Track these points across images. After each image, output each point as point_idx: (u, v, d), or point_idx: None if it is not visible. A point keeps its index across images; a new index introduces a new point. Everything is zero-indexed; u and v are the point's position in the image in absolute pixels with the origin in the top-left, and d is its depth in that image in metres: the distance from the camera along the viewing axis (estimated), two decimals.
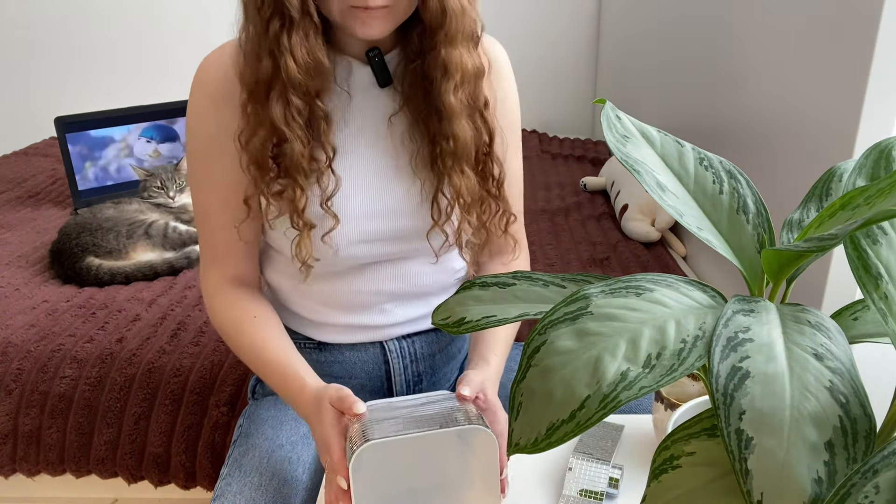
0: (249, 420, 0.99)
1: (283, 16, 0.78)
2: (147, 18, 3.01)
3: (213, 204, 0.91)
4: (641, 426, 0.90)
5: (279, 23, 0.79)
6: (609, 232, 1.92)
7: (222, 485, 0.87)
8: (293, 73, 0.79)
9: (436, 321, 0.52)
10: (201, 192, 0.92)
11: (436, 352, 1.04)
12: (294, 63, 0.79)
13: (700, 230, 0.49)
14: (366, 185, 0.90)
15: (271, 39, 0.79)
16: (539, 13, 2.93)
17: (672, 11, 1.95)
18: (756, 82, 1.39)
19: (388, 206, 0.90)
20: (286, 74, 0.79)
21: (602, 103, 0.53)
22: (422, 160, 0.90)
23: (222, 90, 0.86)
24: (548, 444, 0.38)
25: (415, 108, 0.88)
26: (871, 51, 0.98)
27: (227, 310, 0.93)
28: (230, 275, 0.94)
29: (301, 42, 0.79)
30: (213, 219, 0.92)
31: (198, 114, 0.88)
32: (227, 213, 0.91)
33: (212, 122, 0.87)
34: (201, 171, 0.91)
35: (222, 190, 0.90)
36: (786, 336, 0.40)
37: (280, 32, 0.79)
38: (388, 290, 0.96)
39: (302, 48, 0.79)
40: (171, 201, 1.90)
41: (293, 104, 0.81)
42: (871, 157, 0.52)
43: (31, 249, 1.84)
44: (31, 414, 1.34)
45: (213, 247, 0.94)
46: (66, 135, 2.05)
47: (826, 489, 0.34)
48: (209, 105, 0.87)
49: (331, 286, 0.95)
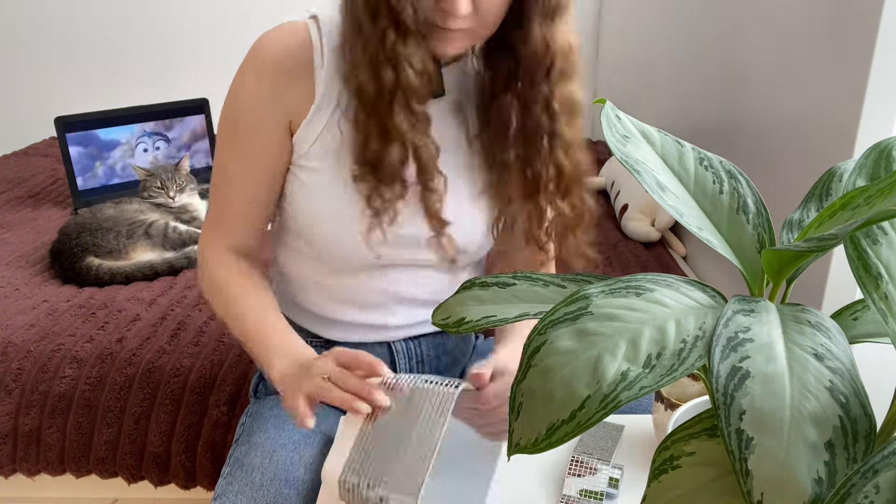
0: (252, 419, 0.99)
1: (397, 25, 0.78)
2: (147, 19, 3.01)
3: (238, 174, 0.91)
4: (641, 426, 0.90)
5: (395, 32, 0.78)
6: (609, 232, 1.92)
7: (223, 483, 0.87)
8: (414, 81, 0.79)
9: (436, 321, 0.52)
10: (228, 160, 0.91)
11: (441, 354, 1.04)
12: (413, 71, 0.79)
13: (700, 230, 0.49)
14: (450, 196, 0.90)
15: (388, 49, 0.79)
16: None
17: (672, 12, 1.95)
18: (756, 82, 1.39)
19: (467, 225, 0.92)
20: (407, 83, 0.79)
21: (602, 103, 0.53)
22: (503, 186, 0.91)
23: (279, 68, 0.86)
24: (548, 444, 0.38)
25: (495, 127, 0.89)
26: (871, 51, 0.98)
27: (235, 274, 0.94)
28: (233, 244, 0.95)
29: (416, 49, 0.79)
30: (233, 188, 0.92)
31: (248, 83, 0.88)
32: (249, 186, 0.91)
33: (261, 97, 0.87)
34: (234, 140, 0.90)
35: (252, 163, 0.90)
36: (786, 336, 0.40)
37: (397, 41, 0.78)
38: (401, 292, 0.97)
39: (417, 55, 0.79)
40: (171, 201, 1.90)
41: (416, 112, 0.81)
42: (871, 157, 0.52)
43: (31, 249, 1.84)
44: (31, 414, 1.34)
45: (225, 214, 0.94)
46: (67, 135, 2.05)
47: (826, 489, 0.34)
48: (268, 78, 0.87)
49: (347, 282, 0.95)
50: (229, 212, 0.94)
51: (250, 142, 0.89)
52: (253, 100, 0.88)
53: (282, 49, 0.86)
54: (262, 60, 0.87)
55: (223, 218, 0.94)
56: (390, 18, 0.78)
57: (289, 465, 0.89)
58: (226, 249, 0.95)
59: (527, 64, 0.83)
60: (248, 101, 0.88)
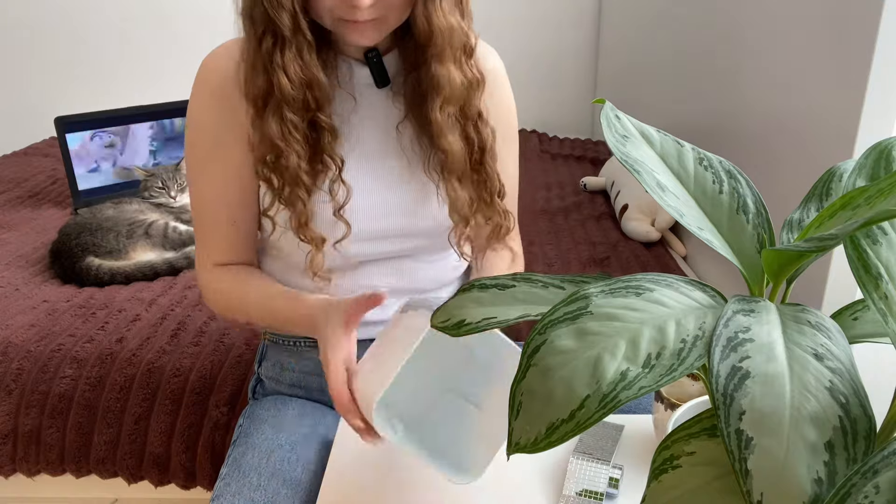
0: (249, 420, 0.99)
1: (274, 34, 0.79)
2: (147, 19, 3.01)
3: (211, 197, 0.92)
4: (641, 426, 0.90)
5: (271, 40, 0.79)
6: (609, 232, 1.92)
7: (221, 485, 0.87)
8: (286, 89, 0.80)
9: (436, 324, 0.52)
10: (200, 187, 0.92)
11: None
12: (287, 80, 0.79)
13: (700, 230, 0.49)
14: (376, 186, 0.90)
15: (264, 56, 0.80)
16: (539, 13, 2.92)
17: (672, 11, 1.95)
18: (756, 82, 1.39)
19: (399, 205, 0.91)
20: (279, 91, 0.80)
21: (602, 103, 0.53)
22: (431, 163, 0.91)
23: (224, 87, 0.87)
24: (548, 443, 0.38)
25: (418, 114, 0.89)
26: (871, 51, 0.98)
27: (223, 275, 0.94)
28: (226, 261, 0.96)
29: (294, 59, 0.79)
30: (210, 214, 0.93)
31: (200, 108, 0.89)
32: (224, 209, 0.92)
33: (213, 117, 0.88)
34: (200, 165, 0.91)
35: (220, 185, 0.91)
36: (786, 336, 0.40)
37: (273, 50, 0.79)
38: (386, 285, 0.97)
39: (295, 65, 0.79)
40: (172, 201, 1.90)
41: (288, 119, 0.82)
42: (871, 157, 0.52)
43: (31, 249, 1.84)
44: (31, 414, 1.34)
45: (210, 240, 0.94)
46: (67, 135, 2.05)
47: (826, 489, 0.34)
48: (211, 100, 0.88)
49: (332, 283, 0.95)
50: (213, 236, 0.94)
51: (209, 165, 0.90)
52: (205, 125, 0.89)
53: (223, 70, 0.87)
54: (204, 85, 0.88)
55: (209, 242, 0.95)
56: (266, 26, 0.78)
57: (287, 465, 0.89)
58: (219, 268, 0.96)
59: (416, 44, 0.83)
60: (201, 126, 0.90)
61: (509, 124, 1.00)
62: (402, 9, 0.80)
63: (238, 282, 0.94)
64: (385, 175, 0.91)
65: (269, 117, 0.81)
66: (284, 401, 1.02)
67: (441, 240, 0.96)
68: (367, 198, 0.90)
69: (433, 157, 0.90)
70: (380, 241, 0.93)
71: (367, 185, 0.90)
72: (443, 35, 0.81)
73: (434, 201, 0.93)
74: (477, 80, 0.87)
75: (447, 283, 1.03)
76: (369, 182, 0.90)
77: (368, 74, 0.89)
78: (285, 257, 0.95)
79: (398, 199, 0.91)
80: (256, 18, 0.79)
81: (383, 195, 0.91)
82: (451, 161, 0.87)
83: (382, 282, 0.96)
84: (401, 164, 0.91)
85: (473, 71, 0.86)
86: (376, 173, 0.91)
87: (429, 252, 0.97)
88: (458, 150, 0.87)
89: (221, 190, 0.91)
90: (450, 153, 0.87)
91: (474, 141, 0.89)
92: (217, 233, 0.94)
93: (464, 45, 0.84)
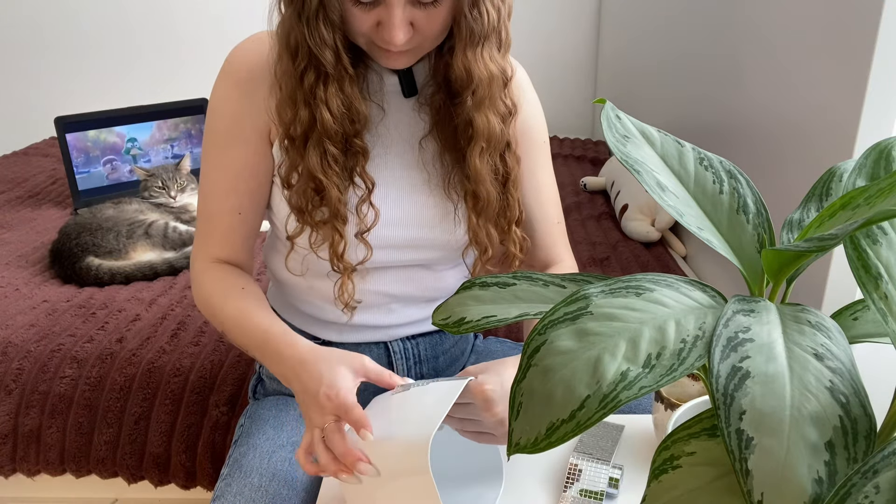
0: (250, 420, 0.99)
1: (317, 69, 0.78)
2: (147, 19, 3.01)
3: (222, 186, 0.91)
4: (641, 426, 0.90)
5: (314, 76, 0.79)
6: (609, 232, 1.92)
7: (222, 485, 0.87)
8: (329, 124, 0.80)
9: (436, 321, 0.52)
10: (212, 173, 0.92)
11: (439, 353, 1.04)
12: (330, 115, 0.79)
13: (700, 230, 0.49)
14: (398, 196, 0.90)
15: (306, 91, 0.79)
16: (539, 13, 2.92)
17: (672, 11, 1.95)
18: (756, 82, 1.39)
19: (418, 216, 0.91)
20: (321, 126, 0.80)
21: (602, 103, 0.53)
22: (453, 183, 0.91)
23: (250, 79, 0.86)
24: (548, 443, 0.38)
25: (443, 130, 0.88)
26: (871, 51, 0.98)
27: (216, 281, 0.92)
28: (223, 257, 0.95)
29: (336, 94, 0.79)
30: (218, 201, 0.92)
31: (223, 97, 0.88)
32: (233, 197, 0.91)
33: (235, 107, 0.88)
34: (215, 153, 0.91)
35: (233, 174, 0.90)
36: (786, 336, 0.40)
37: (315, 85, 0.79)
38: (396, 292, 0.97)
39: (337, 99, 0.79)
40: (172, 201, 1.90)
41: (329, 153, 0.82)
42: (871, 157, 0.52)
43: (31, 249, 1.84)
44: (31, 414, 1.34)
45: (212, 228, 0.93)
46: (67, 135, 2.05)
47: (826, 489, 0.34)
48: (236, 91, 0.87)
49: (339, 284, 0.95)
50: (216, 224, 0.93)
51: (230, 154, 0.90)
52: (227, 114, 0.89)
53: (246, 64, 0.87)
54: (230, 75, 0.88)
55: (210, 230, 0.94)
56: (308, 62, 0.78)
57: (287, 466, 0.89)
58: (214, 262, 0.94)
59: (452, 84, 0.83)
60: (223, 115, 0.89)
61: (537, 136, 0.98)
62: (438, 37, 0.80)
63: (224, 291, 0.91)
64: (406, 186, 0.91)
65: (310, 151, 0.81)
66: (286, 401, 1.02)
67: (456, 254, 0.96)
68: (388, 206, 0.90)
69: (454, 177, 0.90)
70: (395, 250, 0.92)
71: (389, 194, 0.90)
72: (482, 86, 0.81)
73: (451, 219, 0.92)
74: (509, 111, 0.86)
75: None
76: (392, 192, 0.90)
77: (397, 83, 0.89)
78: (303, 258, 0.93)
79: (417, 212, 0.91)
80: (298, 54, 0.78)
81: (403, 206, 0.90)
82: (486, 207, 0.88)
83: (394, 288, 0.96)
84: (422, 178, 0.91)
85: (507, 103, 0.86)
86: (399, 183, 0.90)
87: (443, 263, 0.97)
88: (494, 198, 0.88)
89: (233, 179, 0.90)
90: (485, 200, 0.87)
91: (500, 171, 0.89)
92: (221, 221, 0.93)
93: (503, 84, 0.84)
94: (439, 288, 0.99)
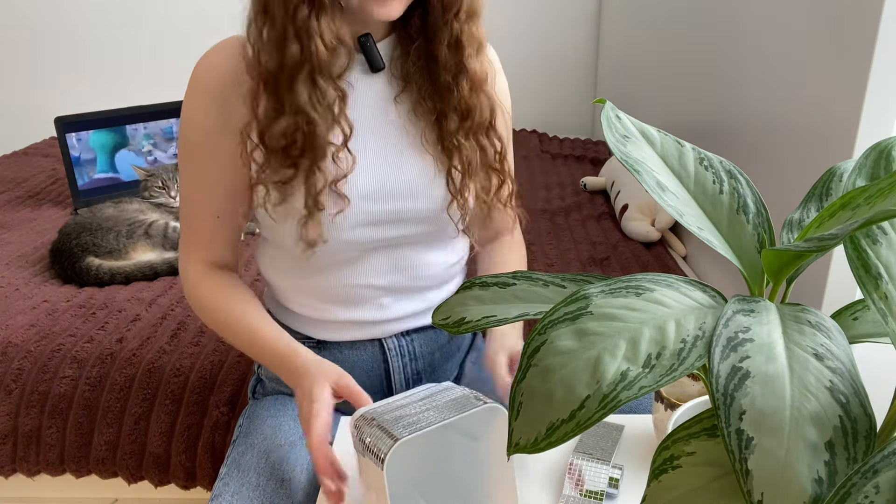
0: (249, 420, 0.99)
1: (311, 1, 0.80)
2: (148, 19, 3.01)
3: (201, 194, 0.93)
4: (641, 426, 0.90)
5: (307, 9, 0.80)
6: (609, 232, 1.92)
7: (220, 485, 0.87)
8: (323, 55, 0.81)
9: (436, 321, 0.52)
10: (189, 183, 0.94)
11: (434, 350, 1.04)
12: (324, 46, 0.81)
13: (700, 230, 0.49)
14: (376, 166, 0.91)
15: (300, 25, 0.80)
16: (539, 13, 2.92)
17: (672, 11, 1.95)
18: (756, 82, 1.39)
19: (399, 186, 0.92)
20: (316, 57, 0.81)
21: (602, 103, 0.53)
22: (429, 138, 0.92)
23: (220, 87, 0.87)
24: (548, 443, 0.38)
25: (417, 88, 0.91)
26: (871, 51, 0.98)
27: (216, 291, 0.96)
28: (211, 260, 0.97)
29: (328, 24, 0.81)
30: (197, 208, 0.94)
31: (193, 108, 0.90)
32: (213, 203, 0.93)
33: (206, 117, 0.89)
34: (191, 163, 0.93)
35: (210, 182, 0.92)
36: (786, 336, 0.40)
37: (309, 17, 0.80)
38: (385, 283, 0.97)
39: (329, 30, 0.81)
40: (172, 201, 1.90)
41: (319, 86, 0.83)
42: (871, 157, 0.52)
43: (31, 249, 1.84)
44: (31, 414, 1.34)
45: (197, 235, 0.96)
46: (67, 135, 2.05)
47: (826, 489, 0.34)
48: (206, 101, 0.88)
49: (328, 280, 0.95)
50: (198, 229, 0.96)
51: (201, 163, 0.92)
52: (199, 125, 0.90)
53: (218, 70, 0.88)
54: (199, 83, 0.89)
55: (193, 235, 0.97)
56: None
57: (286, 465, 0.89)
58: (202, 264, 0.97)
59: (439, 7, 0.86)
60: (195, 126, 0.90)
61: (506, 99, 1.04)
62: None
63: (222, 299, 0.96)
64: (383, 154, 0.91)
65: (300, 86, 0.82)
66: (285, 401, 1.02)
67: (440, 225, 0.96)
68: (365, 178, 0.90)
69: (428, 130, 0.92)
70: (377, 226, 0.92)
71: (366, 164, 0.90)
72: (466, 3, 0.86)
73: (432, 177, 0.93)
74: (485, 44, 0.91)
75: (447, 280, 1.03)
76: (368, 161, 0.91)
77: (362, 60, 0.90)
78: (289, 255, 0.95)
79: (395, 180, 0.91)
80: None
81: (380, 176, 0.91)
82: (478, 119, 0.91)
83: (382, 280, 0.96)
84: (400, 141, 0.92)
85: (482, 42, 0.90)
86: (376, 154, 0.91)
87: (427, 241, 0.97)
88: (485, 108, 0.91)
89: (208, 187, 0.92)
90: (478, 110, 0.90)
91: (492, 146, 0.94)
92: (202, 227, 0.95)
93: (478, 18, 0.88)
94: (427, 276, 0.99)
